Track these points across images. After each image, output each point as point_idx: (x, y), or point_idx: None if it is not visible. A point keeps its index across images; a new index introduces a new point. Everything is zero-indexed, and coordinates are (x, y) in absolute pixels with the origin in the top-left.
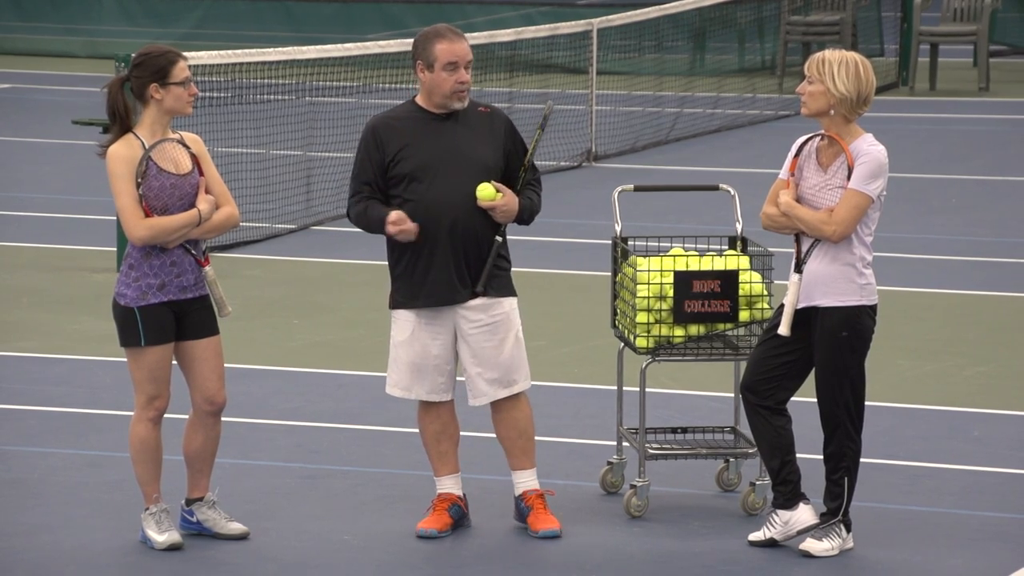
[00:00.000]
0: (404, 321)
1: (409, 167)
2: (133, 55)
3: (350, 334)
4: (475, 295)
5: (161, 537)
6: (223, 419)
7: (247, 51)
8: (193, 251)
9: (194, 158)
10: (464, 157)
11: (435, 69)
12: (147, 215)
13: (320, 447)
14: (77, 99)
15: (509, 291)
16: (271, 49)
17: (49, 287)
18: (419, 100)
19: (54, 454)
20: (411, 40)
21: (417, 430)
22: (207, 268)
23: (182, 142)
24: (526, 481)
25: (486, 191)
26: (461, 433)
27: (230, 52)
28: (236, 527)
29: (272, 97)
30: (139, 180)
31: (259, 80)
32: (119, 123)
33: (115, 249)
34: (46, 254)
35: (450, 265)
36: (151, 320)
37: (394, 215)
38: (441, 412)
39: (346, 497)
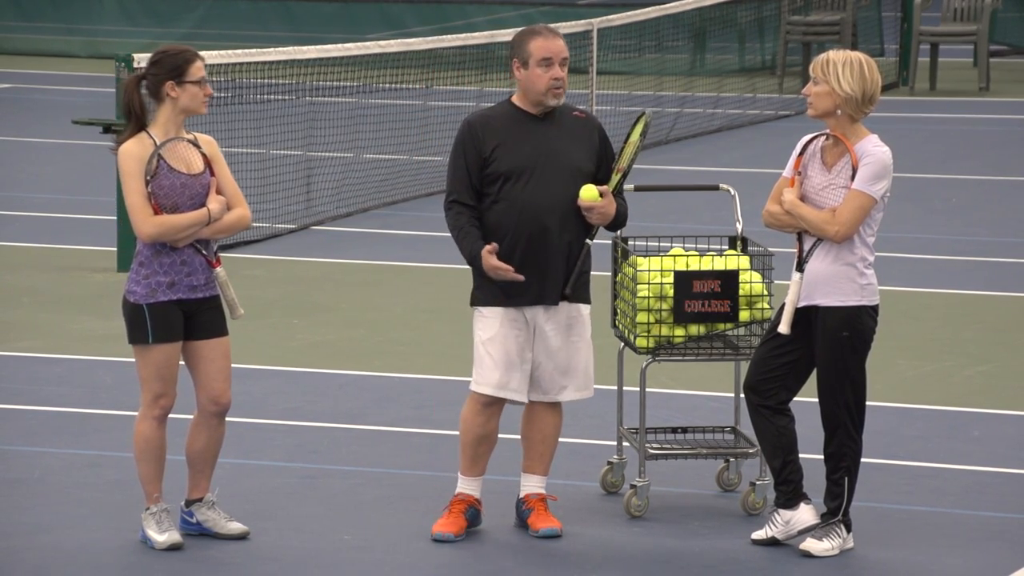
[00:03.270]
0: (490, 318)
1: (504, 167)
2: (152, 53)
3: (350, 334)
4: (564, 297)
5: (161, 537)
6: None
7: (247, 51)
8: (204, 251)
9: (206, 159)
10: (559, 159)
11: (530, 66)
12: (156, 213)
13: (320, 447)
14: (77, 99)
15: (588, 299)
16: (271, 49)
17: (49, 287)
18: (515, 99)
19: (54, 454)
20: (411, 40)
21: (419, 430)
22: (218, 269)
23: (194, 142)
24: (533, 485)
25: (590, 191)
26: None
27: (230, 52)
28: (236, 527)
29: (272, 97)
30: (147, 178)
31: (259, 80)
32: (134, 121)
33: (115, 249)
34: (46, 254)
35: (540, 266)
36: (159, 317)
37: (491, 258)
38: (491, 416)
39: (346, 497)
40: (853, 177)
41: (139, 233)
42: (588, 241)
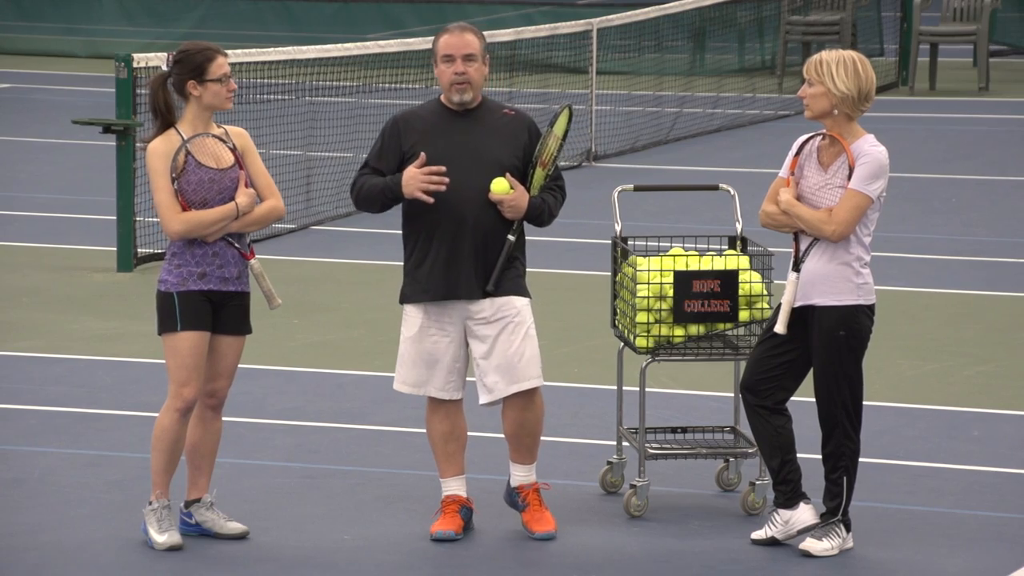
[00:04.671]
0: (412, 316)
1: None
2: (174, 51)
3: (350, 334)
4: (486, 294)
5: (161, 538)
6: (223, 419)
7: (247, 51)
8: (237, 244)
9: (235, 153)
10: (478, 154)
11: (436, 63)
12: (185, 209)
13: (320, 447)
14: (77, 99)
15: (520, 291)
16: (271, 49)
17: (49, 287)
18: (442, 97)
19: (54, 454)
20: (411, 40)
21: (419, 430)
22: (252, 261)
23: (223, 137)
24: (523, 475)
25: (500, 184)
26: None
27: (230, 52)
28: (235, 526)
29: (272, 97)
30: (174, 175)
31: (259, 80)
32: (161, 119)
33: (115, 249)
34: (46, 254)
35: (458, 260)
36: (188, 306)
37: (415, 166)
38: (450, 412)
39: (346, 497)
40: (850, 177)
41: (167, 231)
42: (510, 237)
